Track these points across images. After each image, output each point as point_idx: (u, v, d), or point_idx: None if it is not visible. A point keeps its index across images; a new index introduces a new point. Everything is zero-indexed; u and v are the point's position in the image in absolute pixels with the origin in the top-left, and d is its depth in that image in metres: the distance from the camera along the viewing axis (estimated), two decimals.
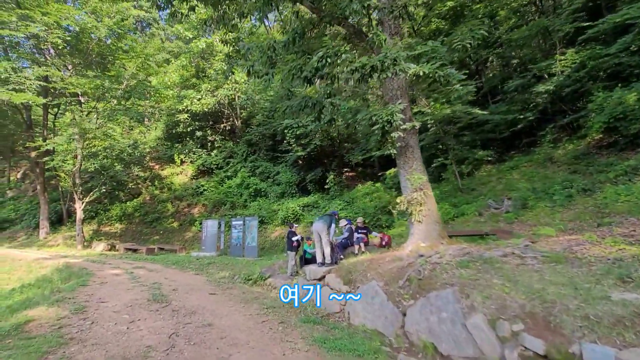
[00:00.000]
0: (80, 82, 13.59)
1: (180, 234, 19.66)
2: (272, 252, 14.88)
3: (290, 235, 9.54)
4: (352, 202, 17.40)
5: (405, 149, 6.77)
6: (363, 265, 6.59)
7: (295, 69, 6.10)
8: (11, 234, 20.93)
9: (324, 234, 7.75)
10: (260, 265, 11.03)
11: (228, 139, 26.52)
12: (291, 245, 9.44)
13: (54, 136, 15.34)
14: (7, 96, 12.41)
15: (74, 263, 10.96)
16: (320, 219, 8.07)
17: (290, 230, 9.67)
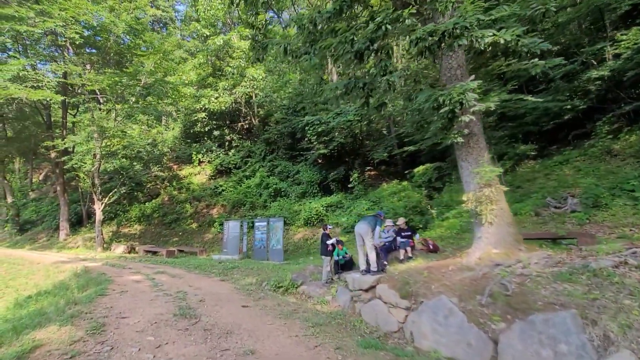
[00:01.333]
0: (99, 79, 12.97)
1: (200, 235, 18.95)
2: (296, 255, 13.96)
3: (324, 237, 8.56)
4: (379, 202, 16.32)
5: (468, 138, 5.69)
6: (421, 275, 5.56)
7: (344, 42, 5.09)
8: (32, 235, 20.65)
9: (368, 238, 6.74)
10: (289, 271, 10.10)
11: (245, 138, 25.79)
12: (326, 249, 8.46)
13: (73, 136, 14.85)
14: (25, 93, 11.88)
15: (92, 267, 10.26)
16: (364, 221, 7.07)
17: (325, 232, 8.70)
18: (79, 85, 14.02)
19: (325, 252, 8.45)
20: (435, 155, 18.48)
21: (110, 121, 13.38)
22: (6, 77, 12.34)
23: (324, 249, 8.45)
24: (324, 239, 8.49)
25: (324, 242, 8.46)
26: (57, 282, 9.00)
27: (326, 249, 8.43)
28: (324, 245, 8.48)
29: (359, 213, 14.80)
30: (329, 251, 8.42)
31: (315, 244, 14.79)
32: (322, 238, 8.54)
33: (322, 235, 8.62)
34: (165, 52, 16.12)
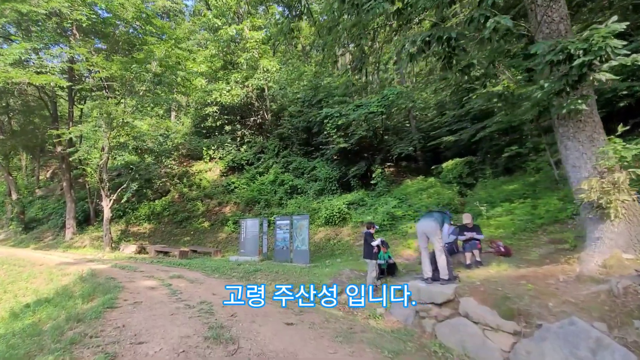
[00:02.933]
0: (107, 64, 11.79)
1: (212, 234, 17.73)
2: (319, 256, 12.65)
3: (369, 238, 7.28)
4: (406, 199, 15.00)
5: (576, 112, 4.36)
6: (523, 288, 4.24)
7: None
8: (38, 234, 19.55)
9: (436, 238, 5.44)
10: (321, 275, 8.83)
11: (258, 134, 24.57)
12: (371, 252, 7.18)
13: (79, 125, 13.56)
14: (27, 77, 10.71)
15: (100, 270, 9.04)
16: (429, 217, 5.76)
17: (368, 231, 7.41)
18: (85, 73, 12.87)
19: (370, 255, 7.17)
20: (460, 150, 17.16)
21: (120, 109, 12.14)
22: (8, 61, 11.22)
23: (369, 251, 7.18)
24: (368, 239, 7.21)
25: (368, 243, 7.18)
26: (59, 288, 7.78)
27: (371, 251, 7.15)
28: (368, 247, 7.21)
29: (388, 211, 13.48)
30: (374, 254, 7.13)
31: (339, 244, 13.50)
32: (366, 238, 7.27)
33: (366, 235, 7.34)
34: (177, 39, 14.89)
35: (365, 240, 7.18)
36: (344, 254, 12.48)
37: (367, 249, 7.14)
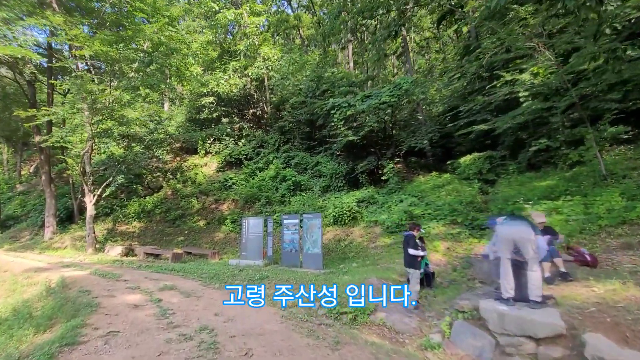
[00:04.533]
0: (88, 39, 10.04)
1: (209, 234, 16.09)
2: (330, 259, 11.14)
3: (411, 241, 5.79)
4: (422, 197, 13.58)
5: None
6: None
7: None
8: (15, 232, 17.65)
9: (531, 247, 3.95)
10: (342, 285, 7.32)
11: (257, 127, 22.95)
12: (414, 259, 5.70)
13: (55, 107, 11.58)
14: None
15: (75, 279, 7.40)
16: (521, 222, 4.25)
17: (410, 233, 5.93)
18: (66, 53, 11.12)
19: (413, 263, 5.69)
20: (474, 145, 15.84)
21: (101, 87, 10.37)
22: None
23: (411, 258, 5.70)
24: (411, 243, 5.72)
25: (412, 246, 5.69)
26: (19, 304, 6.13)
27: (414, 259, 5.67)
28: (410, 255, 5.72)
29: (405, 210, 12.04)
30: (418, 262, 5.66)
31: (351, 246, 12.01)
32: (408, 242, 5.77)
33: (407, 238, 5.85)
34: (171, 17, 13.20)
35: (407, 243, 5.70)
36: (358, 257, 11.00)
37: (409, 257, 5.67)
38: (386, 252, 10.79)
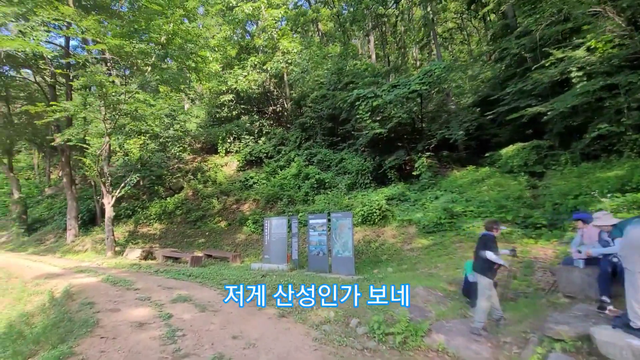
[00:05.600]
0: (100, 29, 9.39)
1: (230, 235, 15.32)
2: (360, 262, 9.97)
3: (489, 242, 4.50)
4: (461, 192, 12.19)
5: None
6: None
7: None
8: (40, 235, 17.60)
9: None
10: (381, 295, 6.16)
11: (277, 124, 22.11)
12: (489, 266, 4.44)
13: (64, 102, 10.94)
14: (4, 45, 8.49)
15: (83, 287, 6.65)
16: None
17: (488, 234, 4.62)
18: (81, 49, 10.65)
19: (487, 270, 4.42)
20: (513, 136, 14.25)
21: (110, 80, 9.73)
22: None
23: (486, 264, 4.42)
24: (490, 245, 4.44)
25: (492, 249, 4.40)
26: (17, 317, 5.39)
27: (490, 265, 4.41)
28: (484, 259, 4.44)
29: (443, 207, 10.69)
30: (494, 270, 4.42)
31: (383, 248, 10.81)
32: (485, 244, 4.47)
33: (485, 239, 4.55)
34: (188, 11, 12.47)
35: (482, 246, 4.43)
36: (392, 261, 9.80)
37: (483, 263, 4.40)
38: (424, 255, 9.53)
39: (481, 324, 4.28)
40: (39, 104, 10.59)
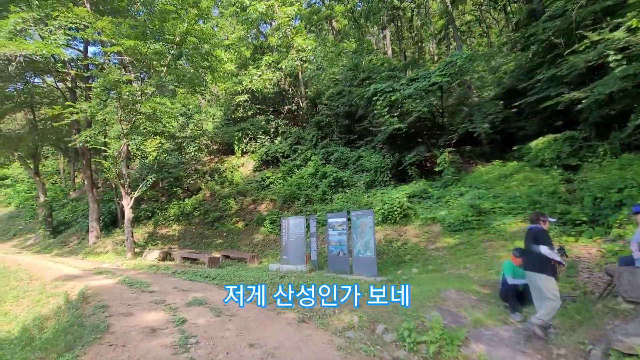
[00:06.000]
0: (114, 29, 9.34)
1: (247, 236, 15.12)
2: (382, 262, 9.48)
3: (541, 236, 3.95)
4: (490, 189, 11.48)
5: None
6: None
7: None
8: (65, 237, 17.98)
9: None
10: (411, 300, 5.69)
11: (293, 123, 21.84)
12: (545, 263, 3.87)
13: (81, 103, 10.95)
14: (14, 46, 8.55)
15: (98, 289, 6.49)
16: None
17: (536, 227, 4.07)
18: (98, 52, 10.65)
19: (544, 266, 3.85)
20: (545, 127, 13.37)
21: (124, 78, 9.65)
22: (3, 33, 9.19)
23: (543, 260, 3.86)
24: (543, 238, 3.89)
25: (546, 242, 3.85)
26: (31, 321, 5.25)
27: (547, 261, 3.85)
28: (539, 255, 3.88)
29: (469, 204, 10.04)
30: (552, 265, 3.85)
31: (405, 248, 10.27)
32: (537, 237, 3.92)
33: (535, 232, 3.99)
34: (202, 10, 12.32)
35: (537, 239, 3.88)
36: (416, 261, 9.26)
37: (536, 259, 3.85)
38: (451, 254, 8.95)
39: (539, 322, 3.73)
40: (56, 107, 10.69)
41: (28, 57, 9.63)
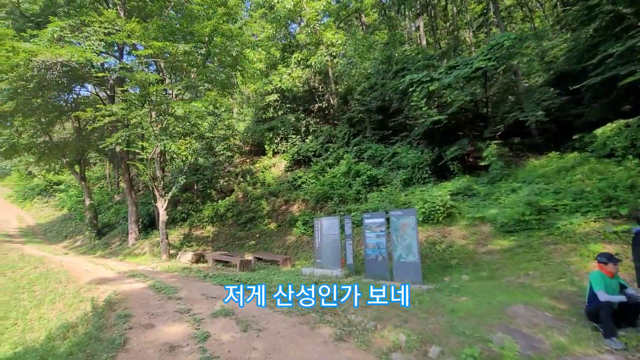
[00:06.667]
0: (143, 31, 9.29)
1: (280, 237, 14.70)
2: (426, 268, 8.50)
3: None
4: (550, 183, 10.07)
5: None
6: None
7: None
8: (108, 239, 18.70)
9: None
10: (467, 315, 4.81)
11: (324, 122, 21.23)
12: None
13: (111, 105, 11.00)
14: (49, 53, 8.75)
15: (126, 294, 6.23)
16: None
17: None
18: (120, 42, 10.62)
19: None
20: (611, 113, 11.60)
21: (152, 77, 9.57)
22: (42, 42, 9.46)
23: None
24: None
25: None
26: (58, 328, 5.03)
27: None
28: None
29: (526, 201, 8.77)
30: None
31: (451, 251, 9.21)
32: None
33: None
34: (229, 7, 12.04)
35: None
36: (464, 266, 8.21)
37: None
38: (507, 259, 7.81)
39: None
40: (88, 109, 10.87)
41: (65, 63, 9.81)
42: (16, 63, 8.92)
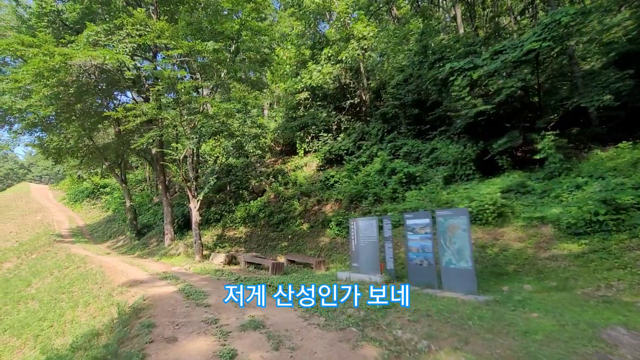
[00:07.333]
0: (172, 31, 9.18)
1: (313, 239, 14.14)
2: (478, 275, 7.47)
3: None
4: (625, 177, 8.62)
5: None
6: None
7: None
8: (146, 239, 19.20)
9: None
10: (550, 337, 3.87)
11: (356, 118, 20.44)
12: None
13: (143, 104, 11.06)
14: (83, 55, 8.86)
15: (154, 299, 5.91)
16: None
17: None
18: (151, 43, 10.65)
19: None
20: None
21: (183, 76, 9.46)
22: (79, 47, 9.64)
23: None
24: None
25: None
26: (82, 336, 4.75)
27: None
28: None
29: (599, 197, 7.48)
30: None
31: (505, 255, 8.11)
32: None
33: None
34: (257, 3, 11.69)
35: None
36: (525, 274, 7.12)
37: None
38: (579, 266, 6.64)
39: None
40: (119, 109, 10.96)
41: (99, 66, 9.94)
42: (53, 66, 9.15)
